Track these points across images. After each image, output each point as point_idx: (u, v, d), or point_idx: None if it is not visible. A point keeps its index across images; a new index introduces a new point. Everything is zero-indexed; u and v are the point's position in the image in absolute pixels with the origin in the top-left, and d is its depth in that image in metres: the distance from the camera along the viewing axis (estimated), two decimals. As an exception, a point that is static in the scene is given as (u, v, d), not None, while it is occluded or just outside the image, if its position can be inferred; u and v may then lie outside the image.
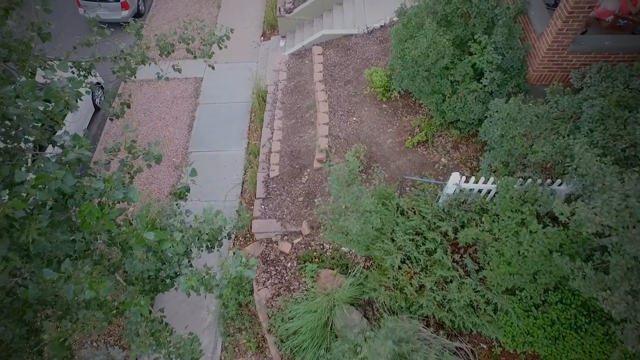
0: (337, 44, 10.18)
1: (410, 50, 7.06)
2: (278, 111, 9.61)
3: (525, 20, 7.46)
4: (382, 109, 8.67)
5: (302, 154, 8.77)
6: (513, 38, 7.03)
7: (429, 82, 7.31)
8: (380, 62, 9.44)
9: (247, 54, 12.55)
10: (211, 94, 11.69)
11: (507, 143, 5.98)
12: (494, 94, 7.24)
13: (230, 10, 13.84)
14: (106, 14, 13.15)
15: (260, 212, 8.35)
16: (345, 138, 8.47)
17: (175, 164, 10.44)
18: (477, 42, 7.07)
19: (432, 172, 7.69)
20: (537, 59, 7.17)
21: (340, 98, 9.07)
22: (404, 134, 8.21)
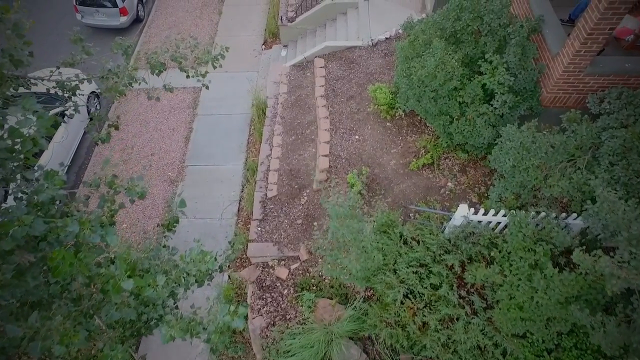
0: (340, 56, 9.78)
1: (416, 70, 6.66)
2: (278, 126, 9.23)
3: (540, 38, 7.03)
4: (386, 127, 8.27)
5: (301, 173, 8.38)
6: (526, 58, 6.61)
7: (436, 103, 6.91)
8: (384, 77, 9.03)
9: (248, 63, 12.18)
10: (210, 105, 11.33)
11: (519, 175, 5.57)
12: (505, 117, 6.83)
13: (232, 17, 13.48)
14: (104, 20, 12.83)
15: (257, 234, 7.97)
16: (347, 158, 8.07)
17: (171, 178, 10.08)
18: (488, 62, 6.66)
19: (437, 198, 7.28)
20: (552, 81, 6.75)
21: (342, 115, 8.67)
22: (408, 155, 7.80)
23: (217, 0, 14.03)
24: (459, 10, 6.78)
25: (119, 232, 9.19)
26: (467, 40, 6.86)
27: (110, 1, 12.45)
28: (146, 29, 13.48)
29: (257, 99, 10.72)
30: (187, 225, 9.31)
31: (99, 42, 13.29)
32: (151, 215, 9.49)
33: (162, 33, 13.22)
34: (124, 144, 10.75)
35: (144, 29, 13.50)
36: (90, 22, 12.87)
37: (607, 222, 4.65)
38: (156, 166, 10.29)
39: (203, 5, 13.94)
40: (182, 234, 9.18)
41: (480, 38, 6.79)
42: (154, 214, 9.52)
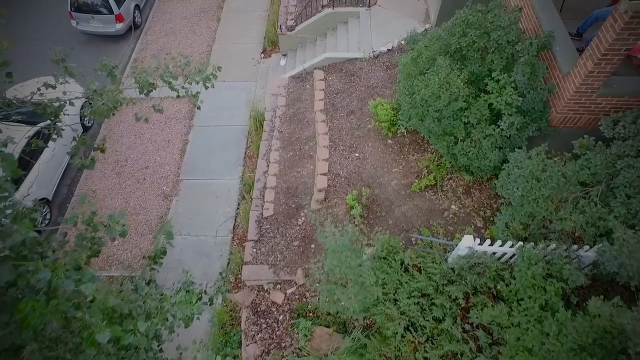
0: (341, 68, 9.45)
1: (419, 89, 6.33)
2: (275, 141, 8.91)
3: (550, 55, 6.69)
4: (387, 145, 7.94)
5: (299, 192, 8.06)
6: (536, 77, 6.27)
7: (439, 123, 6.58)
8: (386, 91, 8.70)
9: (246, 72, 11.86)
10: (206, 116, 11.01)
11: (528, 205, 5.23)
12: (512, 139, 6.50)
13: (230, 25, 13.16)
14: (100, 27, 12.54)
15: (252, 256, 7.66)
16: (347, 177, 7.75)
17: (165, 192, 9.77)
18: (495, 81, 6.33)
19: (440, 222, 6.94)
20: (562, 101, 6.40)
21: (342, 131, 8.34)
22: (410, 176, 7.47)
23: (215, 7, 13.71)
24: (465, 26, 6.45)
25: (108, 250, 8.89)
26: (473, 57, 6.53)
27: (106, 8, 12.16)
28: (143, 35, 13.18)
29: (254, 110, 10.41)
30: (180, 242, 9.00)
31: (94, 49, 13.13)
32: (144, 232, 9.19)
33: (159, 40, 12.92)
34: (118, 156, 10.45)
35: (141, 35, 13.19)
36: (85, 28, 12.58)
37: (624, 263, 4.32)
38: (150, 180, 9.98)
39: (201, 11, 13.63)
40: (175, 252, 8.89)
41: (487, 55, 6.45)
42: (146, 230, 9.21)
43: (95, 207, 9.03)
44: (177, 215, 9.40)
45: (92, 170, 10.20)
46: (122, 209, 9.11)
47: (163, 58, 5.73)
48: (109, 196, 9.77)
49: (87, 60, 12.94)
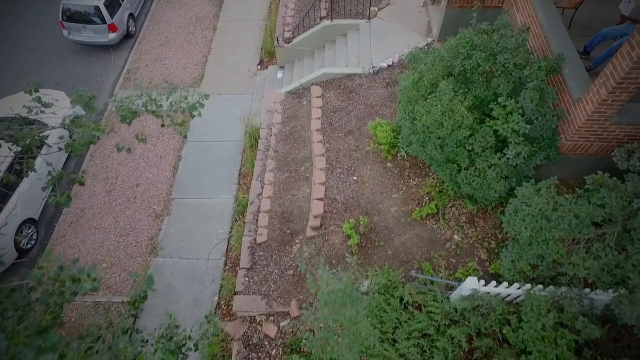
0: (339, 84, 9.08)
1: (420, 115, 5.96)
2: (270, 161, 8.54)
3: (559, 79, 6.31)
4: (387, 168, 7.56)
5: (294, 217, 7.69)
6: (545, 103, 5.89)
7: (442, 151, 6.20)
8: (386, 111, 8.33)
9: (242, 84, 11.49)
10: (200, 130, 10.64)
11: (537, 247, 4.85)
12: (519, 167, 6.12)
13: (226, 34, 12.80)
14: (92, 37, 12.19)
15: (244, 285, 7.30)
16: (344, 202, 7.38)
17: (156, 212, 9.41)
18: (501, 106, 5.95)
19: (442, 253, 6.57)
20: (573, 128, 6.03)
21: (339, 152, 7.97)
22: (410, 202, 7.10)
23: (211, 16, 13.35)
24: (470, 48, 6.07)
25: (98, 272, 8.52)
26: (477, 80, 6.15)
27: (99, 17, 11.81)
28: (137, 45, 12.82)
29: (250, 125, 10.06)
30: (171, 266, 8.65)
31: (86, 60, 12.78)
32: (133, 254, 8.83)
33: (153, 50, 12.56)
34: (108, 173, 10.10)
35: (135, 45, 12.83)
36: (77, 38, 12.23)
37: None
38: (141, 198, 9.62)
39: (197, 20, 13.26)
40: (166, 276, 8.55)
41: (493, 79, 6.07)
42: (136, 252, 8.85)
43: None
44: (168, 236, 9.04)
45: (82, 187, 9.85)
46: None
47: (145, 87, 5.32)
48: (98, 215, 9.41)
49: (79, 70, 12.65)
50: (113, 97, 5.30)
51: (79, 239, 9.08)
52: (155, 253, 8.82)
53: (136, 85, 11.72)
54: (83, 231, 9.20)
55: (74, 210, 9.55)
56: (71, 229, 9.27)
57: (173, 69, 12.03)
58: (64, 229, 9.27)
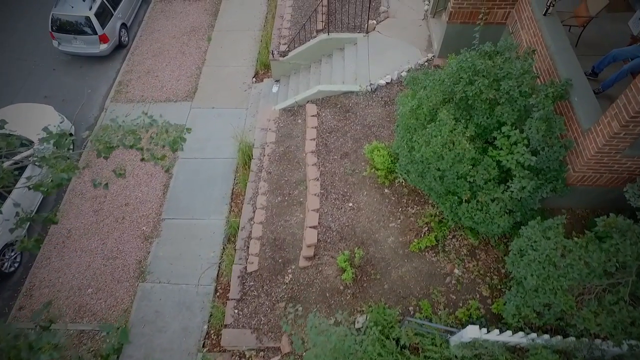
0: (335, 102, 8.72)
1: (419, 146, 5.59)
2: (263, 183, 8.19)
3: (567, 106, 5.94)
4: (384, 195, 7.20)
5: (286, 244, 7.34)
6: (552, 134, 5.52)
7: (442, 182, 5.84)
8: (383, 132, 7.96)
9: (236, 98, 11.13)
10: (193, 147, 10.26)
11: (544, 295, 4.49)
12: (524, 201, 5.76)
13: (221, 44, 12.43)
14: (83, 48, 11.84)
15: (233, 317, 6.95)
16: (339, 231, 7.02)
17: (145, 234, 9.06)
18: (505, 136, 5.58)
19: (442, 289, 6.21)
20: (581, 160, 5.66)
21: (334, 176, 7.61)
22: (409, 233, 6.73)
23: (206, 26, 12.98)
24: (472, 73, 5.71)
25: (80, 299, 8.18)
26: (480, 107, 5.78)
27: (90, 28, 11.45)
28: (129, 55, 12.46)
29: (243, 142, 9.70)
30: (159, 291, 8.30)
31: (77, 71, 12.42)
32: (120, 278, 8.48)
33: (146, 61, 12.20)
34: (96, 191, 9.74)
35: (127, 55, 12.48)
36: (67, 49, 11.88)
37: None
38: (130, 219, 9.27)
39: (192, 30, 12.90)
40: (153, 303, 8.19)
41: (497, 107, 5.70)
42: (123, 276, 8.50)
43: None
44: (157, 259, 8.69)
45: (70, 208, 9.51)
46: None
47: (122, 121, 4.97)
48: (84, 236, 9.07)
49: (70, 82, 12.30)
50: (87, 132, 4.94)
51: (64, 262, 8.73)
52: (143, 278, 8.47)
53: (128, 99, 11.37)
54: (69, 253, 8.86)
55: (60, 230, 9.20)
56: (57, 251, 8.92)
57: (166, 81, 11.67)
58: (49, 251, 8.92)
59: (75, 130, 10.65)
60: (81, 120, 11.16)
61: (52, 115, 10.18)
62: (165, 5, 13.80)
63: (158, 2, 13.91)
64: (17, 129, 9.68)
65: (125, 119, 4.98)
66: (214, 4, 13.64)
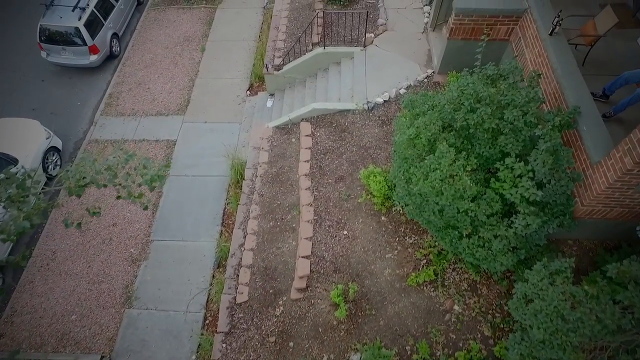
0: (331, 121, 8.36)
1: (417, 179, 5.23)
2: (254, 206, 7.83)
3: (575, 135, 5.58)
4: (381, 223, 6.84)
5: (278, 274, 6.98)
6: (559, 166, 5.16)
7: (441, 216, 5.48)
8: (380, 154, 7.60)
9: (230, 112, 10.78)
10: (184, 163, 9.95)
11: (551, 351, 4.13)
12: (529, 238, 5.40)
13: (215, 55, 12.09)
14: (72, 59, 11.51)
15: (221, 352, 6.59)
16: (333, 261, 6.66)
17: (133, 256, 8.71)
18: (509, 168, 5.22)
19: (441, 327, 5.85)
20: (591, 194, 5.30)
21: (329, 202, 7.26)
22: (406, 265, 6.37)
23: (200, 35, 12.63)
24: (474, 101, 5.35)
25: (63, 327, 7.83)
26: (482, 137, 5.42)
27: (79, 38, 11.11)
28: (121, 67, 12.11)
29: (237, 158, 9.36)
30: (146, 318, 7.95)
31: (67, 82, 12.06)
32: (106, 304, 8.13)
33: (137, 73, 11.85)
34: (83, 210, 9.37)
35: (119, 66, 12.13)
36: (56, 60, 11.53)
37: None
38: (117, 240, 8.92)
39: (185, 40, 12.55)
40: (140, 331, 7.84)
41: (500, 136, 5.33)
42: (109, 302, 8.16)
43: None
44: (144, 284, 8.34)
45: (55, 228, 9.16)
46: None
47: (93, 160, 4.62)
48: (69, 259, 8.72)
49: (59, 94, 11.94)
50: (66, 168, 4.58)
51: (48, 286, 8.39)
52: (129, 303, 8.12)
53: (118, 112, 11.02)
54: (53, 277, 8.51)
55: (44, 252, 8.86)
56: (40, 274, 8.58)
57: (157, 93, 11.32)
58: (32, 274, 8.58)
59: (62, 146, 10.34)
60: (70, 134, 10.81)
61: (39, 130, 9.83)
62: (158, 14, 13.46)
63: (151, 11, 13.58)
64: (1, 146, 9.46)
65: (99, 156, 4.59)
66: (208, 13, 13.30)
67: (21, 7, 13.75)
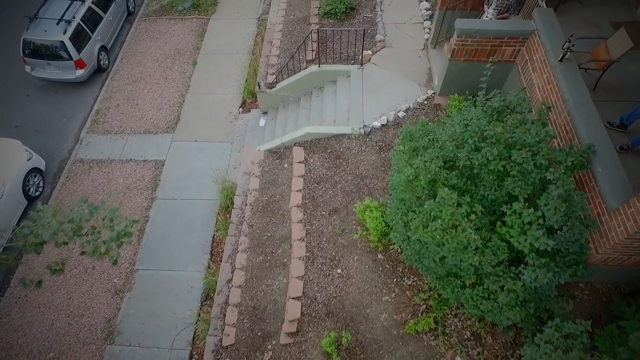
0: (325, 146, 7.88)
1: (416, 227, 4.76)
2: (244, 238, 7.37)
3: (589, 175, 5.11)
4: (377, 261, 6.37)
5: (267, 314, 6.51)
6: (572, 213, 4.69)
7: (442, 264, 5.01)
8: (377, 184, 7.13)
9: (221, 130, 10.32)
10: (172, 186, 9.48)
11: None
12: (539, 290, 4.92)
13: (207, 69, 11.62)
14: (57, 74, 11.05)
15: (205, 402, 6.13)
16: (325, 303, 6.20)
17: (117, 287, 8.25)
18: (517, 214, 4.75)
19: (442, 383, 5.38)
20: (607, 242, 4.83)
21: (322, 236, 6.79)
22: (404, 310, 5.90)
23: (192, 48, 12.16)
24: (478, 139, 4.88)
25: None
26: (487, 178, 4.95)
27: (65, 52, 10.64)
28: (109, 81, 11.65)
29: (227, 181, 8.91)
30: (129, 356, 7.50)
31: (53, 97, 11.55)
32: (86, 340, 7.68)
33: (126, 87, 11.39)
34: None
35: (107, 81, 11.66)
36: (41, 75, 11.07)
37: None
38: (100, 269, 8.46)
39: (176, 53, 12.08)
40: (121, 370, 7.41)
41: (507, 178, 4.86)
42: (90, 338, 7.70)
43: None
44: (128, 317, 7.88)
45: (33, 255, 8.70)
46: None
47: (52, 215, 4.14)
48: (49, 289, 8.26)
49: (44, 109, 11.44)
50: (23, 223, 4.13)
51: (26, 320, 7.93)
52: (111, 339, 7.67)
53: (105, 129, 10.56)
54: (31, 309, 8.05)
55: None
56: (18, 306, 8.12)
57: (146, 110, 10.86)
58: (9, 307, 8.12)
59: (46, 166, 9.89)
60: (54, 153, 10.37)
61: (19, 151, 9.36)
62: (149, 25, 13.00)
63: (142, 21, 13.11)
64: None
65: (58, 212, 4.13)
66: (200, 24, 12.84)
67: (4, 19, 13.27)
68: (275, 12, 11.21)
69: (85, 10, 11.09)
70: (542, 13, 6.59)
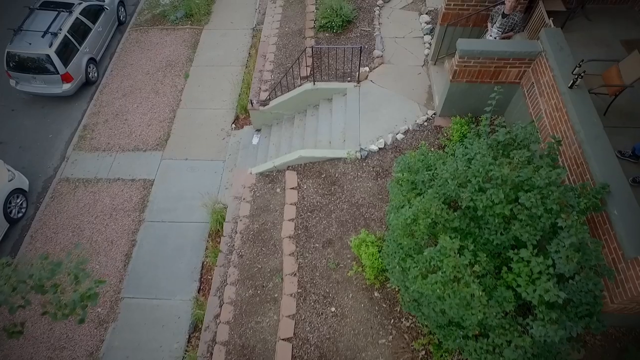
0: (319, 170, 7.48)
1: (414, 276, 4.36)
2: (233, 269, 6.96)
3: (603, 217, 4.71)
4: (373, 300, 5.97)
5: (256, 355, 6.11)
6: (586, 262, 4.28)
7: (443, 314, 4.61)
8: (375, 214, 6.72)
9: (213, 147, 9.90)
10: (161, 207, 9.08)
11: None
12: (548, 344, 4.51)
13: (200, 82, 11.21)
14: (43, 88, 10.63)
15: None
16: (318, 345, 5.79)
17: (101, 316, 7.83)
18: (525, 262, 4.35)
19: None
20: (623, 293, 4.43)
21: (315, 271, 6.38)
22: (402, 355, 5.50)
23: (184, 60, 11.75)
24: (483, 180, 4.48)
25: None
26: (492, 221, 4.55)
27: (51, 65, 10.23)
28: (97, 94, 11.23)
29: (218, 203, 8.52)
30: (112, 395, 7.10)
31: (39, 111, 11.10)
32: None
33: (115, 102, 10.98)
34: (50, 260, 8.51)
35: (95, 94, 11.25)
36: (26, 89, 10.66)
37: None
38: (84, 297, 8.03)
39: (167, 65, 11.67)
40: (103, 410, 7.01)
41: (514, 222, 4.46)
42: (70, 374, 7.30)
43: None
44: (111, 350, 7.47)
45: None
46: None
47: (7, 276, 3.74)
48: (30, 319, 7.83)
49: (30, 124, 11.02)
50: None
51: (3, 354, 7.52)
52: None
53: (92, 146, 10.15)
54: (9, 342, 7.64)
55: (2, 311, 7.98)
56: (-3, 338, 7.71)
57: (135, 126, 10.45)
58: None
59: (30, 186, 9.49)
60: (39, 171, 9.96)
61: (1, 170, 8.96)
62: (140, 35, 12.59)
63: (133, 31, 12.70)
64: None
65: (14, 274, 3.73)
66: (193, 34, 12.43)
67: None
68: (270, 24, 10.81)
69: (72, 22, 10.68)
70: (550, 34, 6.18)
